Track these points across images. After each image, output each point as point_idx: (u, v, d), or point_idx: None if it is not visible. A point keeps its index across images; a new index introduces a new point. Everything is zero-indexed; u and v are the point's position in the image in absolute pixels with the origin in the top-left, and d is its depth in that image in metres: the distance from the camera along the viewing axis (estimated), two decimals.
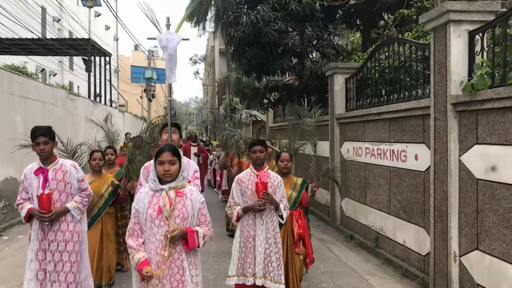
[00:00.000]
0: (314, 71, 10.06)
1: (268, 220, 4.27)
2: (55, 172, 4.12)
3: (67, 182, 4.16)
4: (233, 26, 10.34)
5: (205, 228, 3.31)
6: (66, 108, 13.51)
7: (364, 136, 7.90)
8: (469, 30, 5.07)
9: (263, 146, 4.40)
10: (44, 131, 4.06)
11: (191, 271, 3.23)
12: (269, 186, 4.24)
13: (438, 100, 5.39)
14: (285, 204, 4.35)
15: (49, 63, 23.31)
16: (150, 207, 3.17)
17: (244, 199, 4.33)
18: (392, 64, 7.04)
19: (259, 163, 4.37)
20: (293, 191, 5.00)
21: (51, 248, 4.05)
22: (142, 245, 3.18)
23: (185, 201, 3.23)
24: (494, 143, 4.55)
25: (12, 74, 9.63)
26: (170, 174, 3.17)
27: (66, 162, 4.26)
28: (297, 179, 5.09)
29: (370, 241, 7.51)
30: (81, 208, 4.25)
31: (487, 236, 4.67)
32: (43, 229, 4.07)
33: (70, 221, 4.16)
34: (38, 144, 4.02)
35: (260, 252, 4.19)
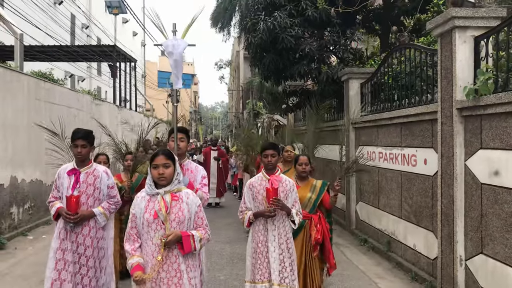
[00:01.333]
0: (330, 76, 10.15)
1: (280, 226, 4.21)
2: (87, 175, 4.18)
3: (97, 187, 4.20)
4: (251, 33, 10.54)
5: (202, 231, 3.31)
6: (91, 112, 13.91)
7: (378, 141, 7.96)
8: (474, 36, 5.13)
9: (274, 150, 4.33)
10: (83, 135, 4.14)
11: (189, 273, 3.23)
12: (281, 190, 4.19)
13: (444, 105, 5.44)
14: (297, 209, 4.27)
15: (78, 69, 24.02)
16: (146, 211, 3.20)
17: (255, 204, 4.27)
18: (404, 69, 7.10)
19: (271, 167, 4.30)
20: (313, 194, 4.87)
21: (72, 248, 4.08)
22: (138, 249, 3.21)
23: (181, 205, 3.24)
24: (497, 148, 4.59)
25: (38, 81, 10.04)
26: (165, 178, 3.20)
27: (99, 167, 4.32)
28: (316, 182, 4.98)
29: (382, 245, 7.56)
30: (107, 215, 4.25)
31: (491, 240, 4.71)
32: (66, 229, 4.11)
33: (92, 227, 4.17)
34: (76, 146, 4.10)
35: (276, 258, 4.13)
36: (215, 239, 7.87)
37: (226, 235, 8.09)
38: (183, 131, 4.54)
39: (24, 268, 6.82)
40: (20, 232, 8.84)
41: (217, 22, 33.11)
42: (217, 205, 12.60)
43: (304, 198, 4.75)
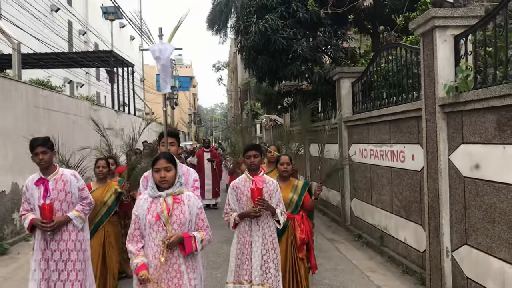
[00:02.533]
0: (322, 76, 10.34)
1: (265, 226, 4.22)
2: (55, 182, 4.14)
3: (68, 191, 4.18)
4: (244, 35, 10.73)
5: (203, 232, 3.40)
6: (89, 118, 14.11)
7: (368, 138, 8.15)
8: (454, 34, 5.31)
9: (257, 151, 4.35)
10: (42, 142, 4.09)
11: (189, 274, 3.30)
12: (265, 191, 4.21)
13: (428, 102, 5.63)
14: (282, 209, 4.29)
15: (77, 76, 24.23)
16: (149, 213, 3.29)
17: (240, 205, 4.28)
18: (391, 68, 7.28)
19: (254, 168, 4.32)
20: (294, 194, 4.85)
21: (54, 257, 4.07)
22: (141, 249, 3.30)
23: (183, 207, 3.34)
24: (476, 142, 4.77)
25: (36, 88, 10.25)
26: (167, 181, 3.29)
27: (66, 171, 4.30)
28: (298, 182, 4.98)
29: (375, 240, 7.74)
30: (82, 217, 4.27)
31: (474, 231, 4.89)
32: (45, 239, 4.09)
33: (71, 230, 4.18)
34: (36, 154, 4.05)
35: (257, 259, 4.13)
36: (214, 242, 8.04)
37: (223, 235, 8.28)
38: (173, 135, 4.52)
39: (26, 273, 6.98)
40: (22, 238, 9.03)
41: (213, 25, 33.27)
42: (214, 206, 12.76)
43: (286, 199, 4.73)
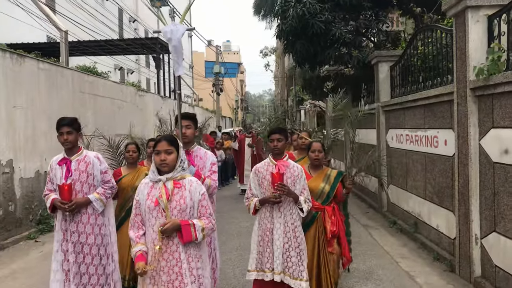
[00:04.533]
0: (361, 60, 10.18)
1: (287, 213, 4.02)
2: (78, 162, 4.08)
3: (90, 173, 4.12)
4: (282, 20, 10.71)
5: (205, 220, 3.20)
6: (135, 103, 14.59)
7: (405, 123, 7.99)
8: (488, 14, 5.11)
9: (281, 134, 4.13)
10: (68, 122, 4.06)
11: (191, 263, 3.13)
12: (288, 176, 4.01)
13: (459, 86, 5.48)
14: (306, 197, 4.06)
15: (127, 62, 25.02)
16: (148, 198, 3.16)
17: (261, 191, 4.10)
18: (428, 51, 7.10)
19: (277, 152, 4.12)
20: (326, 184, 4.52)
21: (72, 239, 4.03)
22: (142, 237, 3.18)
23: (184, 192, 3.16)
24: (506, 127, 4.62)
25: (82, 74, 10.70)
26: (167, 164, 3.13)
27: (90, 153, 4.22)
28: (331, 171, 4.63)
29: (409, 226, 7.64)
30: (103, 200, 4.16)
31: (502, 218, 4.75)
32: (66, 219, 4.05)
33: (91, 214, 4.10)
34: (61, 134, 4.02)
35: (278, 247, 3.96)
36: (250, 222, 8.16)
37: None
38: (189, 117, 4.34)
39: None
40: None
41: (260, 10, 33.25)
42: None
43: (317, 189, 4.47)
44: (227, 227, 8.53)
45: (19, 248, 7.44)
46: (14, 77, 8.01)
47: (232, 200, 11.88)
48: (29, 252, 7.23)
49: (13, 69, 8.01)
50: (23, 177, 8.14)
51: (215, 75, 29.28)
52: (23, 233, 7.92)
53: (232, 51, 67.78)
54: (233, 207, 10.62)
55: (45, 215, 8.55)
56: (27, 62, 8.45)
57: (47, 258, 4.19)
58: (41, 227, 8.38)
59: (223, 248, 7.10)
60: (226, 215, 9.63)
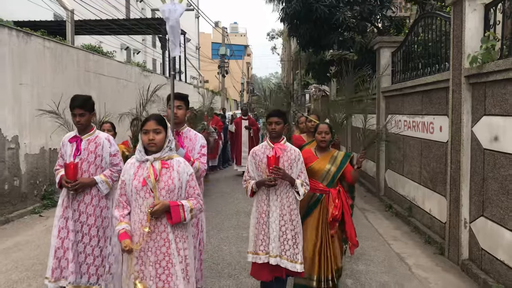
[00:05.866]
0: (364, 45, 10.24)
1: (283, 196, 4.00)
2: (88, 142, 4.07)
3: (98, 154, 4.10)
4: (286, 3, 10.76)
5: (193, 201, 3.19)
6: (140, 83, 14.70)
7: (403, 109, 8.10)
8: (485, 3, 5.18)
9: (279, 118, 4.07)
10: (81, 103, 4.02)
11: (178, 244, 3.13)
12: (285, 159, 4.00)
13: (455, 73, 5.58)
14: (303, 180, 4.03)
15: (134, 42, 25.07)
16: (135, 178, 3.12)
17: (258, 173, 4.09)
18: (427, 38, 7.17)
19: (275, 135, 4.07)
20: (333, 166, 4.44)
21: (74, 217, 4.02)
22: (127, 216, 3.16)
23: (171, 173, 3.14)
24: (497, 114, 4.73)
25: (87, 53, 10.83)
26: (155, 144, 3.10)
27: (102, 134, 4.20)
28: (338, 153, 4.56)
29: (404, 210, 7.80)
30: (109, 182, 4.12)
31: (489, 203, 4.90)
32: (69, 197, 4.04)
33: (94, 195, 4.08)
34: (74, 115, 4.02)
35: (274, 229, 3.95)
36: (248, 203, 8.35)
37: None
38: (181, 98, 4.31)
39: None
40: None
41: None
42: None
43: (322, 170, 4.42)
44: (226, 207, 8.73)
45: (24, 222, 7.67)
46: (20, 55, 8.16)
47: (233, 181, 12.09)
48: (33, 225, 7.46)
49: (19, 46, 8.15)
50: (28, 153, 8.34)
51: (221, 57, 29.27)
52: (28, 208, 8.15)
53: (239, 33, 67.48)
54: (234, 188, 10.83)
55: (49, 191, 8.78)
56: (33, 40, 8.59)
57: (50, 232, 4.28)
58: (45, 202, 8.61)
59: (220, 226, 7.33)
60: (226, 196, 9.83)
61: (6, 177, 7.72)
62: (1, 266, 5.58)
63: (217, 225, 7.43)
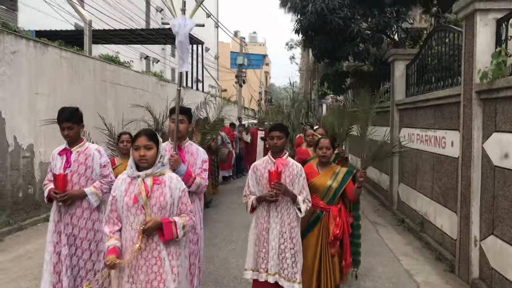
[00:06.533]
0: (379, 57, 10.18)
1: (284, 213, 3.92)
2: (78, 154, 4.03)
3: (89, 166, 4.05)
4: (301, 15, 10.78)
5: (185, 217, 3.13)
6: (157, 93, 14.86)
7: (416, 123, 8.02)
8: (497, 18, 5.11)
9: (281, 132, 4.02)
10: (68, 116, 3.97)
11: (171, 261, 3.06)
12: (287, 175, 3.92)
13: (466, 88, 5.50)
14: (305, 196, 3.95)
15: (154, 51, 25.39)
16: (126, 195, 3.06)
17: (259, 188, 4.00)
18: (441, 51, 7.10)
19: (277, 150, 4.02)
20: (334, 182, 4.35)
21: (66, 231, 3.96)
22: (117, 232, 3.09)
23: (163, 189, 3.07)
24: (507, 131, 4.65)
25: (104, 63, 10.99)
26: (146, 160, 3.04)
27: (92, 146, 4.17)
28: (340, 169, 4.47)
29: (416, 225, 7.68)
30: (99, 194, 4.05)
31: (500, 221, 4.80)
32: (60, 211, 3.99)
33: (86, 208, 4.02)
34: (63, 129, 3.98)
35: (273, 247, 3.88)
36: None
37: None
38: (183, 111, 4.24)
39: None
40: None
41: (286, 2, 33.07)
42: None
43: (323, 187, 4.33)
44: (236, 219, 8.70)
45: (37, 230, 7.77)
46: (37, 65, 8.33)
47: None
48: (45, 233, 7.48)
49: (36, 57, 8.32)
50: (43, 162, 8.47)
51: (239, 67, 29.43)
52: (41, 215, 8.26)
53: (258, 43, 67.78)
54: None
55: None
56: (50, 51, 8.76)
57: None
58: None
59: (229, 238, 7.32)
60: (237, 207, 9.82)
61: (21, 185, 7.86)
62: (11, 274, 5.67)
63: (226, 237, 7.42)
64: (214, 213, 9.28)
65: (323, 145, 4.41)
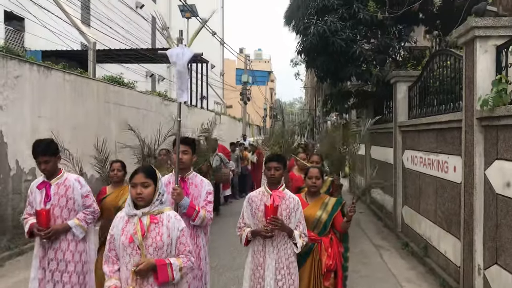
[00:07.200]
0: (381, 78, 10.17)
1: (281, 248, 3.77)
2: (57, 186, 3.92)
3: (70, 197, 3.93)
4: (303, 36, 10.81)
5: (183, 259, 3.00)
6: (160, 112, 14.91)
7: (419, 145, 7.96)
8: (497, 45, 5.10)
9: (279, 163, 3.89)
10: (44, 149, 3.85)
11: None
12: (283, 208, 3.79)
13: (467, 114, 5.47)
14: (302, 231, 3.85)
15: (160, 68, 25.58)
16: (123, 233, 2.97)
17: (254, 221, 3.86)
18: (441, 74, 7.08)
19: (273, 181, 3.88)
20: (323, 213, 4.29)
21: (50, 267, 3.85)
22: (117, 272, 3.01)
23: (160, 229, 2.97)
24: (509, 159, 4.59)
25: (107, 85, 11.07)
26: (142, 198, 2.95)
27: (71, 176, 4.06)
28: (329, 199, 4.44)
29: (420, 250, 7.58)
30: (83, 226, 3.96)
31: (503, 251, 4.72)
32: (44, 246, 3.87)
33: (71, 240, 3.92)
34: (39, 163, 3.87)
35: (269, 283, 3.73)
36: None
37: None
38: (188, 142, 4.15)
39: None
40: None
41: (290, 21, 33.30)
42: None
43: (313, 217, 4.25)
44: (237, 243, 8.59)
45: None
46: (40, 88, 8.39)
47: None
48: None
49: (39, 80, 8.39)
50: None
51: (243, 84, 29.58)
52: None
53: (263, 59, 68.20)
54: None
55: None
56: (54, 74, 8.83)
57: None
58: None
59: (231, 264, 7.25)
60: None
61: (22, 208, 7.83)
62: None
63: (228, 262, 7.35)
64: (217, 235, 9.20)
65: (312, 175, 4.35)
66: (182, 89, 4.05)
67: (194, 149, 4.26)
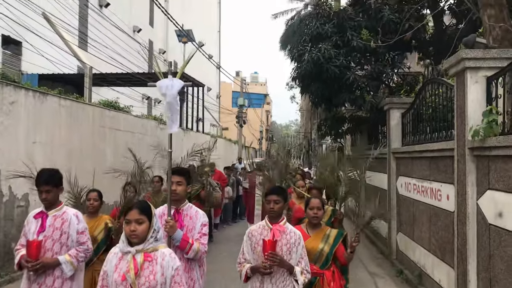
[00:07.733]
0: (374, 104, 10.28)
1: (279, 285, 3.62)
2: (54, 218, 3.82)
3: (64, 231, 3.81)
4: (298, 63, 10.96)
5: None
6: (156, 136, 14.93)
7: (412, 172, 8.00)
8: (487, 76, 5.17)
9: (279, 196, 3.76)
10: (47, 179, 3.79)
11: None
12: (284, 243, 3.66)
13: (459, 143, 5.51)
14: (303, 267, 3.69)
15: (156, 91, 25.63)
16: (116, 271, 2.90)
17: (254, 256, 3.74)
18: (433, 103, 7.16)
19: (273, 215, 3.76)
20: (325, 245, 4.20)
21: None
22: None
23: (154, 267, 2.90)
24: (500, 190, 4.62)
25: (103, 110, 11.11)
26: (136, 235, 2.88)
27: (70, 210, 3.96)
28: (330, 231, 4.34)
29: (414, 277, 7.53)
30: (74, 263, 3.80)
31: (497, 282, 4.70)
32: (30, 279, 3.72)
33: (57, 277, 3.75)
34: (40, 192, 3.79)
35: None
36: None
37: None
38: (182, 173, 4.07)
39: None
40: None
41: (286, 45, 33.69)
42: None
43: (315, 250, 4.17)
44: (233, 269, 8.51)
45: None
46: (35, 114, 8.41)
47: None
48: None
49: (35, 106, 8.41)
50: None
51: (239, 108, 29.76)
52: None
53: (259, 82, 68.79)
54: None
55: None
56: (49, 100, 8.86)
57: None
58: None
59: None
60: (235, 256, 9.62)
61: (14, 235, 7.77)
62: None
63: None
64: (210, 262, 9.10)
65: (314, 205, 4.25)
66: (173, 120, 4.01)
67: (189, 180, 4.17)
